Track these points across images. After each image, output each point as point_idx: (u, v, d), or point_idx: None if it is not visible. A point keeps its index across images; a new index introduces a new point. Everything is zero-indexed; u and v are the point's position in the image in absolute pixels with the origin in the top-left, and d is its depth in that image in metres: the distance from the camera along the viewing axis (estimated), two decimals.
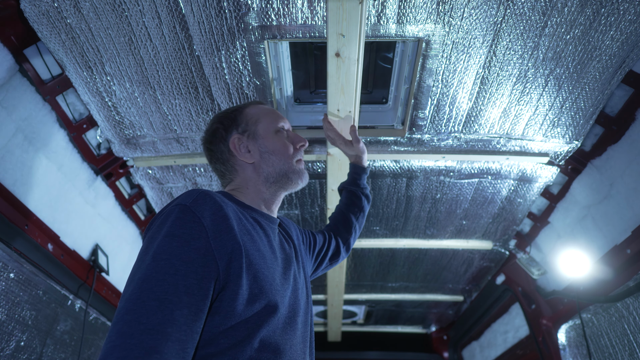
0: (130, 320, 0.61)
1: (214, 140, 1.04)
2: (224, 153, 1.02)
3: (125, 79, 1.44)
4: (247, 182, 1.01)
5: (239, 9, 1.24)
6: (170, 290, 0.64)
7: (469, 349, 3.38)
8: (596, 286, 1.80)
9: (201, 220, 0.73)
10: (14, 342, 1.42)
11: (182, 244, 0.69)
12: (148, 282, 0.65)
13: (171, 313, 0.63)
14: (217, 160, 1.04)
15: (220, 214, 0.77)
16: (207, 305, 0.69)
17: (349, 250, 1.38)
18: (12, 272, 1.42)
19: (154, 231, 0.74)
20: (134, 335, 0.59)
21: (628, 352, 1.75)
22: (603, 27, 1.27)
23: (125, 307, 0.63)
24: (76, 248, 1.73)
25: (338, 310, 3.24)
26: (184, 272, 0.67)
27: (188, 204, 0.74)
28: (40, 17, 1.21)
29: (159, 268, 0.66)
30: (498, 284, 2.70)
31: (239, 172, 1.02)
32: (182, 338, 0.63)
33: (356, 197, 1.39)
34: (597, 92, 1.49)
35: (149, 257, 0.68)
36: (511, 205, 2.12)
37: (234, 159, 1.02)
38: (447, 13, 1.25)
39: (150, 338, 0.59)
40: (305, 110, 1.73)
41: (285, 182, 1.03)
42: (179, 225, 0.71)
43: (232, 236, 0.76)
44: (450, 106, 1.58)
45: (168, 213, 0.75)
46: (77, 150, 1.60)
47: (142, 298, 0.63)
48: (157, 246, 0.69)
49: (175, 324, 0.62)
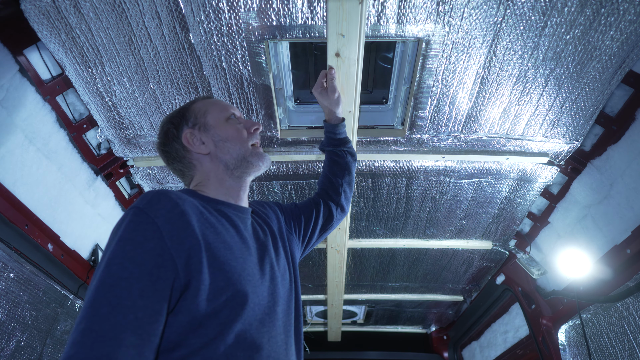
0: (83, 328, 0.60)
1: (167, 141, 1.03)
2: (179, 151, 1.01)
3: (125, 79, 1.44)
4: (207, 175, 0.99)
5: (239, 9, 1.24)
6: (123, 295, 0.64)
7: (469, 349, 3.38)
8: (596, 286, 1.80)
9: (155, 221, 0.72)
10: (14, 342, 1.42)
11: (135, 247, 0.69)
12: (101, 289, 0.64)
13: (124, 318, 0.62)
14: (174, 159, 1.02)
15: (176, 211, 0.76)
16: (164, 307, 0.68)
17: (345, 210, 1.33)
18: (12, 272, 1.42)
19: (110, 238, 0.73)
20: (86, 344, 0.59)
21: (628, 352, 1.75)
22: (603, 27, 1.27)
23: (80, 316, 0.63)
24: (76, 248, 1.73)
25: (338, 310, 3.24)
26: (137, 275, 0.66)
27: (141, 207, 0.74)
28: (40, 17, 1.21)
29: (111, 273, 0.66)
30: (498, 284, 2.70)
31: (197, 167, 1.00)
32: (137, 342, 0.62)
33: (337, 156, 1.34)
34: (597, 92, 1.49)
35: (103, 264, 0.68)
36: (511, 205, 2.12)
37: (189, 155, 1.00)
38: (447, 13, 1.25)
39: (103, 345, 0.59)
40: (306, 110, 1.73)
41: (247, 167, 1.01)
42: (132, 228, 0.71)
43: (189, 232, 0.75)
44: (450, 106, 1.58)
45: (122, 218, 0.74)
46: (77, 150, 1.60)
47: (94, 305, 0.63)
48: (110, 252, 0.69)
49: (129, 329, 0.62)
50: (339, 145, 1.34)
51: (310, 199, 1.31)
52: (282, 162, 1.88)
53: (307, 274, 2.89)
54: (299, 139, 1.74)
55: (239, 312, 0.76)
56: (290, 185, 2.02)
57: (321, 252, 2.61)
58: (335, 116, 1.33)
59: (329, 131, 1.34)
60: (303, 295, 3.21)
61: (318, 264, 2.75)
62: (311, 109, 1.73)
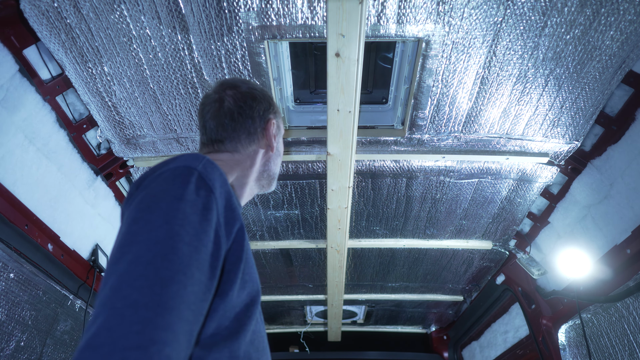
0: (142, 286, 0.48)
1: (253, 104, 0.90)
2: (256, 126, 0.90)
3: (125, 79, 1.44)
4: (242, 165, 0.89)
5: (239, 9, 1.24)
6: (184, 262, 0.53)
7: (469, 349, 3.38)
8: (596, 286, 1.80)
9: (213, 191, 0.62)
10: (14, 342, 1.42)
11: (196, 212, 0.58)
12: (161, 246, 0.53)
13: (184, 288, 0.52)
14: (238, 123, 0.88)
15: (226, 188, 0.67)
16: (214, 286, 0.60)
17: None
18: (12, 272, 1.42)
19: (157, 191, 0.60)
20: (149, 306, 0.47)
21: (628, 352, 1.75)
22: (603, 27, 1.27)
23: (132, 272, 0.50)
24: (76, 248, 1.73)
25: (338, 310, 3.24)
26: (196, 244, 0.56)
27: (199, 169, 0.63)
28: (40, 17, 1.21)
29: (172, 233, 0.54)
30: (498, 284, 2.70)
31: (249, 153, 0.89)
32: (191, 319, 0.53)
33: None
34: (597, 92, 1.49)
35: (158, 218, 0.56)
36: (511, 205, 2.12)
37: (257, 137, 0.90)
38: (447, 13, 1.25)
39: (166, 312, 0.48)
40: (306, 110, 1.73)
41: (266, 184, 0.97)
42: (192, 190, 0.60)
43: (237, 214, 0.67)
44: (450, 106, 1.58)
45: (173, 173, 0.62)
46: (77, 150, 1.60)
47: (154, 264, 0.51)
48: (167, 207, 0.57)
49: (186, 302, 0.52)
50: None
51: None
52: (282, 162, 1.88)
53: (307, 274, 2.89)
54: (299, 139, 1.74)
55: (252, 311, 0.70)
56: (290, 185, 2.02)
57: (321, 252, 2.61)
58: None
59: None
60: (303, 295, 3.21)
61: (318, 264, 2.75)
62: (311, 109, 1.73)
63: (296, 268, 2.81)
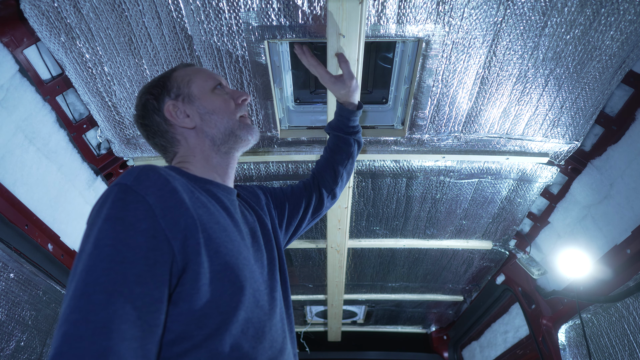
0: (76, 319, 0.52)
1: (145, 113, 0.94)
2: (161, 124, 0.92)
3: (125, 79, 1.44)
4: (193, 151, 0.91)
5: (239, 9, 1.24)
6: (118, 281, 0.56)
7: (469, 349, 3.38)
8: (596, 286, 1.80)
9: (145, 199, 0.64)
10: (14, 342, 1.42)
11: (126, 227, 0.60)
12: (92, 274, 0.56)
13: (122, 307, 0.54)
14: (155, 134, 0.93)
15: (168, 188, 0.68)
16: (164, 294, 0.61)
17: (335, 199, 1.26)
18: (12, 272, 1.42)
19: (91, 217, 0.64)
20: (84, 337, 0.50)
21: (628, 352, 1.75)
22: (603, 27, 1.27)
23: (70, 306, 0.53)
24: (76, 248, 1.72)
25: (338, 310, 3.24)
26: (131, 259, 0.58)
27: (129, 183, 0.65)
28: (40, 17, 1.21)
29: (102, 256, 0.57)
30: (498, 284, 2.70)
31: (181, 142, 0.92)
32: (139, 335, 0.55)
33: (345, 143, 1.22)
34: (597, 92, 1.49)
35: (89, 246, 0.59)
36: (511, 205, 2.12)
37: (173, 129, 0.92)
38: (447, 13, 1.25)
39: (103, 337, 0.51)
40: (306, 110, 1.73)
41: (235, 141, 0.94)
42: (120, 207, 0.62)
43: (183, 210, 0.68)
44: (450, 106, 1.58)
45: (105, 196, 0.65)
46: (77, 150, 1.60)
47: (87, 292, 0.54)
48: (97, 232, 0.60)
49: (129, 320, 0.54)
50: (351, 133, 1.23)
51: (301, 185, 1.22)
52: (282, 162, 1.88)
53: (307, 274, 2.89)
54: (299, 139, 1.74)
55: (239, 299, 0.69)
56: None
57: (321, 252, 2.61)
58: (351, 102, 1.20)
59: (344, 117, 1.21)
60: (303, 295, 3.21)
61: (318, 264, 2.75)
62: (311, 109, 1.73)
63: (296, 268, 2.81)
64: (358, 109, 1.21)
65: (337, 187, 1.24)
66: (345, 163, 1.24)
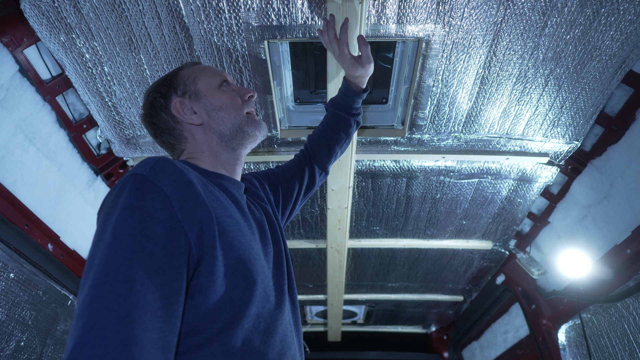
0: (98, 309, 0.51)
1: (153, 112, 0.94)
2: (169, 122, 0.93)
3: (125, 79, 1.44)
4: (201, 147, 0.92)
5: (239, 9, 1.24)
6: (139, 271, 0.55)
7: (469, 349, 3.38)
8: (596, 286, 1.80)
9: (163, 190, 0.63)
10: (14, 342, 1.42)
11: (145, 218, 0.60)
12: (113, 263, 0.55)
13: (144, 297, 0.53)
14: (162, 132, 0.94)
15: (183, 180, 0.68)
16: (182, 286, 0.60)
17: (327, 173, 1.27)
18: (12, 272, 1.42)
19: (109, 207, 0.63)
20: (107, 327, 0.49)
21: (628, 352, 1.75)
22: (603, 27, 1.27)
23: (90, 295, 0.52)
24: (76, 248, 1.73)
25: (338, 310, 3.24)
26: (150, 249, 0.58)
27: (145, 174, 0.64)
28: (40, 17, 1.21)
29: (122, 245, 0.56)
30: (498, 284, 2.70)
31: (189, 139, 0.93)
32: (159, 326, 0.54)
33: (345, 123, 1.21)
34: (597, 92, 1.49)
35: (108, 235, 0.58)
36: (511, 205, 2.12)
37: (180, 126, 0.93)
38: (447, 13, 1.25)
39: (126, 327, 0.50)
40: (306, 110, 1.73)
41: (242, 137, 0.94)
42: (138, 196, 0.62)
43: (199, 203, 0.68)
44: (450, 106, 1.58)
45: (122, 185, 0.64)
46: (77, 150, 1.60)
47: (108, 281, 0.53)
48: (116, 221, 0.59)
49: (150, 310, 0.53)
50: (353, 115, 1.22)
51: (292, 165, 1.21)
52: (283, 162, 1.88)
53: (307, 274, 2.89)
54: (299, 139, 1.74)
55: (251, 293, 0.69)
56: None
57: (321, 252, 2.61)
58: (360, 84, 1.19)
59: (349, 97, 1.19)
60: (303, 295, 3.21)
61: (318, 264, 2.75)
62: (311, 109, 1.73)
63: (296, 268, 2.81)
64: (364, 92, 1.21)
65: (329, 163, 1.25)
66: (342, 143, 1.24)
